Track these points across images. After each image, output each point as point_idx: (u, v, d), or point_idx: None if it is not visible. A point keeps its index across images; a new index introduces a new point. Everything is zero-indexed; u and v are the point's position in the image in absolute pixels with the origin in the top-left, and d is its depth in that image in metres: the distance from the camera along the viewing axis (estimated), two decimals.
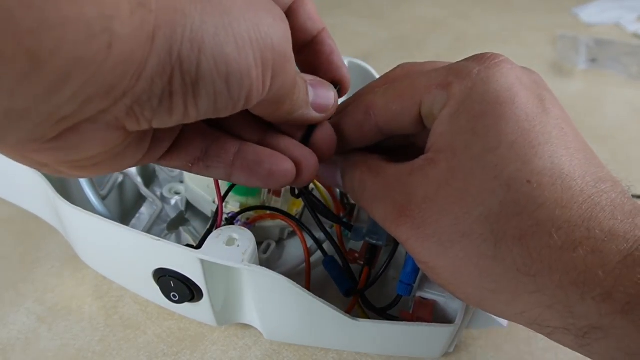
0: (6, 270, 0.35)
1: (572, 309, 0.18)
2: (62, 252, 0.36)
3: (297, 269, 0.33)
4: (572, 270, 0.18)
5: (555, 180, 0.18)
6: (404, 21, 0.66)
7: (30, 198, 0.33)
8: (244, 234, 0.25)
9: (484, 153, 0.19)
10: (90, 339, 0.31)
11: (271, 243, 0.34)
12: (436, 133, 0.21)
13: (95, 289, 0.34)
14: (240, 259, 0.24)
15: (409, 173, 0.21)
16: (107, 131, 0.16)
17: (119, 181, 0.35)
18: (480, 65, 0.20)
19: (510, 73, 0.20)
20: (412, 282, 0.26)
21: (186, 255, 0.25)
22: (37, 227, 0.38)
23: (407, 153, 0.23)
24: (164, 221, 0.35)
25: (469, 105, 0.20)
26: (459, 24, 0.65)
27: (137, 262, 0.28)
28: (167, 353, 0.30)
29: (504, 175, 0.19)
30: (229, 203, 0.33)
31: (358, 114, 0.24)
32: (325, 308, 0.25)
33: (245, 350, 0.30)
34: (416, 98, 0.22)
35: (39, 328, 0.31)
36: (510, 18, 0.66)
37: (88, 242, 0.30)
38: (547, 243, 0.18)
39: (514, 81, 0.20)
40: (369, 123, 0.23)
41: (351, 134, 0.24)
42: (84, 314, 0.32)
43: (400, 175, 0.21)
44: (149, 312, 0.32)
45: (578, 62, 0.57)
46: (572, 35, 0.61)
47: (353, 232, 0.29)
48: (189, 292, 0.26)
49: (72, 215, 0.28)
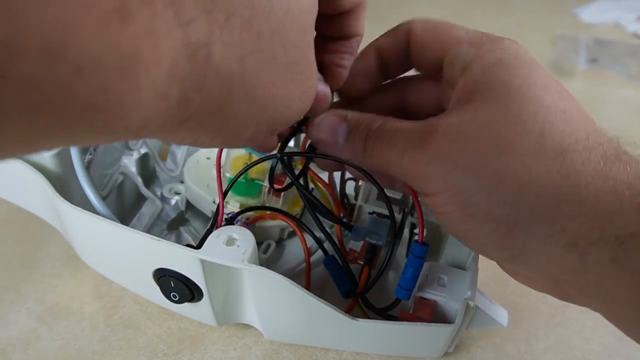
0: (6, 270, 0.35)
1: (613, 217, 0.19)
2: (62, 252, 0.36)
3: (296, 269, 0.33)
4: (612, 179, 0.19)
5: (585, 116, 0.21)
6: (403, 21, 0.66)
7: (31, 198, 0.33)
8: (244, 234, 0.25)
9: (525, 86, 0.20)
10: (91, 339, 0.31)
11: (271, 243, 0.34)
12: (469, 80, 0.22)
13: (95, 289, 0.34)
14: (240, 259, 0.24)
15: (433, 116, 0.22)
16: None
17: (119, 181, 0.35)
18: (506, 40, 0.22)
19: (526, 55, 0.22)
20: (411, 287, 0.26)
21: (186, 255, 0.25)
22: (38, 227, 0.38)
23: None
24: (164, 221, 0.36)
25: (506, 59, 0.21)
26: (459, 24, 0.66)
27: (137, 262, 0.28)
28: (167, 353, 0.30)
29: (544, 102, 0.20)
30: (229, 203, 0.33)
31: (400, 34, 0.25)
32: (325, 308, 0.25)
33: (245, 350, 0.30)
34: (448, 43, 0.23)
35: (39, 328, 0.31)
36: (510, 18, 0.67)
37: (88, 242, 0.30)
38: (588, 157, 0.19)
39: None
40: (401, 47, 0.25)
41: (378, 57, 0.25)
42: (84, 314, 0.32)
43: (422, 125, 0.22)
44: (149, 312, 0.32)
45: (578, 62, 0.57)
46: (572, 35, 0.61)
47: (353, 232, 0.29)
48: (189, 292, 0.26)
49: (72, 215, 0.28)
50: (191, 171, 0.36)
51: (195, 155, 0.37)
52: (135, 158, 0.36)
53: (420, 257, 0.26)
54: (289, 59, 0.18)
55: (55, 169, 0.31)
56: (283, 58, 0.17)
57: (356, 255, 0.30)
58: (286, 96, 0.18)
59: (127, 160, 0.36)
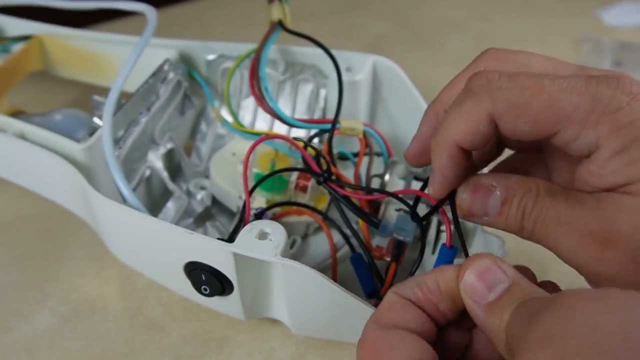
0: (30, 268, 0.35)
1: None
2: (86, 252, 0.36)
3: (321, 265, 0.33)
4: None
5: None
6: (424, 22, 0.66)
7: (61, 190, 0.33)
8: (276, 228, 0.25)
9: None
10: (115, 339, 0.31)
11: (297, 239, 0.34)
12: (610, 167, 0.19)
13: (119, 289, 0.34)
14: (273, 253, 0.24)
15: (598, 200, 0.19)
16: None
17: (146, 175, 0.36)
18: (626, 95, 0.19)
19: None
20: None
21: (220, 249, 0.25)
22: (61, 226, 0.38)
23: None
24: (190, 216, 0.36)
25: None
26: (480, 25, 0.65)
27: (168, 255, 0.28)
28: (193, 355, 0.30)
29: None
30: (255, 199, 0.33)
31: (478, 120, 0.20)
32: (356, 303, 0.25)
33: (270, 353, 0.30)
34: (555, 127, 0.19)
35: (64, 327, 0.32)
36: (532, 20, 0.66)
37: (119, 234, 0.30)
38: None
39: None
40: (487, 139, 0.20)
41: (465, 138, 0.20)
42: (109, 314, 0.32)
43: (586, 201, 0.19)
44: (173, 314, 0.32)
45: (602, 65, 0.57)
46: (596, 38, 0.61)
47: (380, 227, 0.29)
48: (220, 285, 0.27)
49: (106, 207, 0.28)
50: (217, 167, 0.36)
51: (221, 151, 0.37)
52: (162, 153, 0.37)
53: (448, 261, 0.26)
54: None
55: (86, 162, 0.31)
56: None
57: (383, 252, 0.30)
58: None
59: (154, 155, 0.36)
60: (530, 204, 0.20)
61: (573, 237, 0.19)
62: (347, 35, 0.63)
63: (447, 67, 0.57)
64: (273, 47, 0.37)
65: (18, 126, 0.33)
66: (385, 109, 0.39)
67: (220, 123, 0.39)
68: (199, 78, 0.39)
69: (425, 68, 0.57)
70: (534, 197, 0.20)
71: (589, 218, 0.19)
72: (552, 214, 0.20)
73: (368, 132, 0.35)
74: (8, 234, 0.38)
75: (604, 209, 0.19)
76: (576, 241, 0.19)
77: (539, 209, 0.20)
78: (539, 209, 0.20)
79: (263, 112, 0.33)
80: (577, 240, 0.19)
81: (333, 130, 0.33)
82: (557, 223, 0.20)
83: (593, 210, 0.19)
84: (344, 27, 0.65)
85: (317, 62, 0.37)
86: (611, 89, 0.19)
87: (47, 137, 0.32)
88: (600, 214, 0.19)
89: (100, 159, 0.31)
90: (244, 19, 0.68)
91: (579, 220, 0.19)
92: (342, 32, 0.64)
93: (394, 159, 0.34)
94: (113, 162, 0.29)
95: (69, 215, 0.35)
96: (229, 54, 0.38)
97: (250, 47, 0.36)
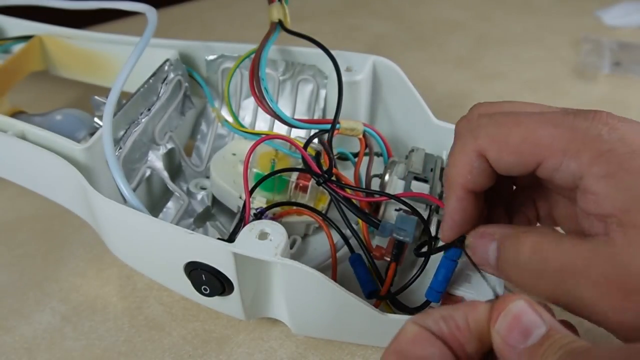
0: (31, 268, 0.35)
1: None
2: (86, 252, 0.36)
3: (321, 265, 0.33)
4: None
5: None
6: (424, 22, 0.66)
7: (62, 190, 0.33)
8: (276, 228, 0.26)
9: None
10: (116, 339, 0.31)
11: (297, 239, 0.34)
12: (600, 199, 0.19)
13: (119, 289, 0.34)
14: (274, 253, 0.24)
15: (606, 242, 0.19)
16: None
17: (146, 175, 0.36)
18: (603, 125, 0.19)
19: (630, 129, 0.19)
20: (442, 289, 0.27)
21: (220, 249, 0.25)
22: (62, 226, 0.38)
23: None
24: (190, 216, 0.36)
25: (624, 165, 0.18)
26: (480, 25, 0.65)
27: (169, 255, 0.28)
28: (193, 355, 0.30)
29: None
30: (256, 199, 0.33)
31: (471, 158, 0.21)
32: (357, 303, 0.25)
33: (270, 353, 0.30)
34: (537, 157, 0.20)
35: (64, 327, 0.32)
36: (531, 20, 0.66)
37: (119, 234, 0.31)
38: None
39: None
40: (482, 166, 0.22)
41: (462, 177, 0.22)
42: (109, 314, 0.32)
43: (591, 245, 0.19)
44: (173, 314, 0.32)
45: (601, 65, 0.57)
46: (595, 38, 0.61)
47: (380, 227, 0.29)
48: (220, 285, 0.27)
49: (106, 207, 0.28)
50: (217, 167, 0.36)
51: (221, 151, 0.37)
52: (162, 153, 0.37)
53: (454, 260, 0.26)
54: None
55: (86, 162, 0.31)
56: None
57: (383, 252, 0.30)
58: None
59: (154, 155, 0.36)
60: (528, 244, 0.21)
61: (587, 287, 0.19)
62: (347, 35, 0.63)
63: (447, 67, 0.57)
64: (273, 47, 0.37)
65: (18, 126, 0.33)
66: (385, 109, 0.39)
67: (220, 123, 0.39)
68: (199, 78, 0.39)
69: (425, 68, 0.57)
70: (532, 239, 0.20)
71: (601, 262, 0.18)
72: (550, 253, 0.20)
73: (368, 132, 0.35)
74: (8, 234, 0.38)
75: (616, 247, 0.18)
76: (591, 291, 0.19)
77: (533, 247, 0.20)
78: (534, 247, 0.20)
79: (263, 112, 0.33)
80: (592, 290, 0.19)
81: (333, 130, 0.33)
82: (559, 263, 0.19)
83: (597, 254, 0.19)
84: (344, 27, 0.65)
85: (317, 62, 0.37)
86: (588, 121, 0.20)
87: (47, 137, 0.32)
88: (613, 256, 0.18)
89: (100, 159, 0.31)
90: (244, 19, 0.68)
91: (592, 268, 0.19)
92: (342, 32, 0.64)
93: (394, 159, 0.34)
94: (113, 162, 0.29)
95: (69, 215, 0.35)
96: (229, 54, 0.38)
97: (250, 47, 0.36)
